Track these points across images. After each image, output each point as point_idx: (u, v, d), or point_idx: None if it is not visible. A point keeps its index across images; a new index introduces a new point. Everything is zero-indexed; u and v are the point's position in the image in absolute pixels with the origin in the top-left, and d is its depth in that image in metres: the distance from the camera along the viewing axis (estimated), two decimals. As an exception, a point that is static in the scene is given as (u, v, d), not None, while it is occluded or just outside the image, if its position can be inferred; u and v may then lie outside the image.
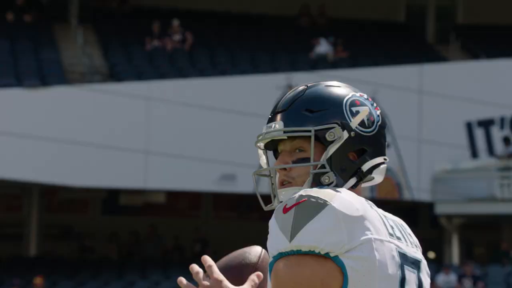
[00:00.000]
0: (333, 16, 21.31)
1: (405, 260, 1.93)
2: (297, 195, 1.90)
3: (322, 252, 1.85)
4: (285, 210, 1.89)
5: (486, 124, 18.40)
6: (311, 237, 1.85)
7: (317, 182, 1.99)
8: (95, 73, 18.12)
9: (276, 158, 2.10)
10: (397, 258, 1.91)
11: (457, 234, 18.06)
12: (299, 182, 2.00)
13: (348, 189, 1.97)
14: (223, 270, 2.09)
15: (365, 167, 2.01)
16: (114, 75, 18.06)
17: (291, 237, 1.85)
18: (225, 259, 2.16)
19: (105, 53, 18.89)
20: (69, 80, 17.48)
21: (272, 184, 2.08)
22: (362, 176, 2.01)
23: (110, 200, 20.31)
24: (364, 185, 2.07)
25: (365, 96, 2.06)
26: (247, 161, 16.66)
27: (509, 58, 18.79)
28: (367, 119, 2.03)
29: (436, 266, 16.74)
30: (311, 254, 1.85)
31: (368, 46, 20.15)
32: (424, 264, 1.99)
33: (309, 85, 2.08)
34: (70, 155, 16.34)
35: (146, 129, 16.80)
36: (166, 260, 18.61)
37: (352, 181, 2.01)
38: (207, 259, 2.04)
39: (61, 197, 20.20)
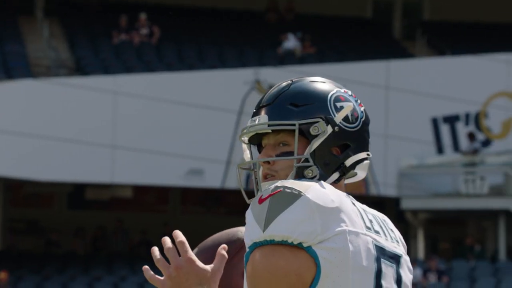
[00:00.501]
0: (301, 12, 21.36)
1: (383, 253, 1.95)
2: (273, 186, 1.92)
3: (295, 242, 1.86)
4: (260, 201, 1.90)
5: (451, 120, 18.58)
6: (284, 227, 1.86)
7: (300, 176, 2.00)
8: (61, 66, 17.98)
9: (260, 152, 2.11)
10: (373, 251, 1.93)
11: (423, 229, 18.23)
12: (282, 176, 2.01)
13: (331, 183, 1.99)
14: (211, 246, 2.11)
15: (348, 162, 2.04)
16: (80, 68, 17.93)
17: (265, 227, 1.86)
18: (216, 236, 2.18)
19: (71, 46, 18.74)
20: (34, 74, 17.32)
21: (255, 178, 2.09)
22: (345, 171, 2.04)
23: (77, 194, 20.18)
24: (347, 181, 2.09)
25: (350, 92, 2.09)
26: (215, 156, 16.66)
27: (474, 54, 18.99)
28: (351, 115, 2.05)
29: (402, 261, 16.87)
30: (284, 244, 1.86)
31: (335, 42, 20.24)
32: (405, 259, 2.01)
33: (294, 80, 2.09)
34: (35, 149, 16.20)
35: (113, 123, 16.71)
36: (133, 254, 18.54)
37: (335, 175, 2.03)
38: (178, 234, 2.05)
39: (27, 191, 20.03)
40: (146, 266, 2.07)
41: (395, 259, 1.98)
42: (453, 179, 18.00)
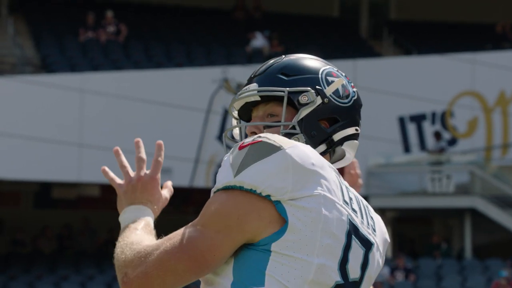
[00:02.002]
0: (268, 10, 21.37)
1: (355, 232, 1.93)
2: (256, 135, 1.92)
3: (263, 194, 1.86)
4: (241, 147, 1.91)
5: (418, 119, 18.72)
6: (255, 176, 1.86)
7: None
8: (27, 64, 17.80)
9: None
10: (346, 225, 1.92)
11: (390, 227, 18.34)
12: None
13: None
14: None
15: (336, 137, 2.04)
16: (46, 66, 17.77)
17: (237, 173, 1.88)
18: None
19: (37, 44, 18.57)
20: None
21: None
22: (332, 145, 2.03)
23: (43, 193, 20.00)
24: (337, 164, 2.08)
25: (344, 74, 2.10)
26: (183, 155, 16.61)
27: (440, 54, 19.15)
28: (343, 91, 2.07)
29: (369, 259, 16.98)
30: (252, 193, 1.87)
31: (303, 40, 20.28)
32: (377, 250, 1.99)
33: (288, 55, 2.12)
34: (1, 147, 16.02)
35: (79, 121, 16.59)
36: (100, 253, 18.42)
37: (322, 147, 2.03)
38: (140, 144, 2.15)
39: (-8, 190, 19.81)
40: (105, 167, 2.16)
41: (367, 244, 1.96)
42: (419, 178, 18.13)
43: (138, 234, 1.96)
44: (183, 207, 20.51)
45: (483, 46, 19.90)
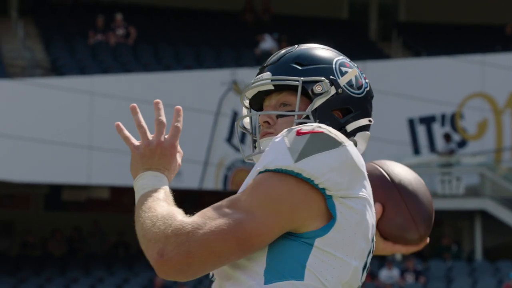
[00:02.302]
0: (277, 13, 21.38)
1: (373, 237, 1.95)
2: (313, 124, 1.90)
3: (320, 186, 1.84)
4: (299, 133, 1.88)
5: (427, 121, 18.68)
6: (317, 167, 1.84)
7: None
8: (37, 67, 17.86)
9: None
10: (372, 230, 1.92)
11: (399, 229, 18.29)
12: (280, 132, 1.98)
13: None
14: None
15: (349, 127, 2.03)
16: (56, 69, 17.82)
17: (298, 159, 1.84)
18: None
19: (47, 46, 18.62)
20: (9, 74, 17.18)
21: (251, 134, 2.08)
22: (345, 135, 2.01)
23: (53, 195, 20.05)
24: None
25: (356, 65, 2.11)
26: (193, 157, 16.62)
27: (449, 56, 19.11)
28: (356, 82, 2.06)
29: (379, 262, 16.96)
30: (307, 182, 1.84)
31: (311, 42, 20.23)
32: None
33: (301, 44, 2.12)
34: (11, 150, 16.08)
35: (89, 124, 16.63)
36: (110, 256, 18.45)
37: None
38: (160, 106, 2.07)
39: (2, 192, 19.86)
40: (120, 123, 2.04)
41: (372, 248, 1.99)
42: (429, 180, 18.08)
43: (165, 207, 1.88)
44: (192, 209, 20.52)
45: (492, 47, 19.85)
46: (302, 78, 2.01)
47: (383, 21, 22.39)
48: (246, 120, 2.11)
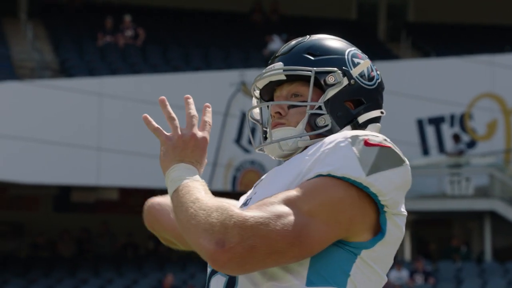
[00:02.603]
0: (285, 13, 21.37)
1: None
2: (378, 135, 1.89)
3: (382, 203, 1.85)
4: (367, 144, 1.87)
5: (436, 122, 18.64)
6: (385, 184, 1.84)
7: (312, 124, 1.98)
8: (46, 68, 17.90)
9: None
10: None
11: (409, 230, 18.27)
12: (292, 123, 1.99)
13: None
14: None
15: (361, 118, 2.02)
16: (65, 70, 17.86)
17: (369, 173, 1.83)
18: None
19: (56, 48, 18.66)
20: (19, 76, 17.23)
21: (261, 124, 2.07)
22: (356, 127, 2.01)
23: (62, 197, 20.09)
24: None
25: (367, 57, 2.12)
26: (200, 158, 16.61)
27: (458, 56, 19.06)
28: (368, 73, 2.07)
29: (388, 262, 16.93)
30: (369, 196, 1.84)
31: (321, 43, 20.24)
32: None
33: (312, 35, 2.12)
34: (20, 151, 16.12)
35: (98, 125, 16.66)
36: (119, 257, 18.48)
37: (347, 129, 2.01)
38: (190, 100, 2.09)
39: (12, 194, 19.91)
40: (147, 115, 2.06)
41: None
42: (438, 181, 18.05)
43: (214, 198, 1.85)
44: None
45: (502, 48, 19.79)
46: (314, 68, 1.99)
47: (392, 21, 22.34)
48: (256, 111, 2.09)
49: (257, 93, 2.08)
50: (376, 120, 2.06)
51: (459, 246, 18.17)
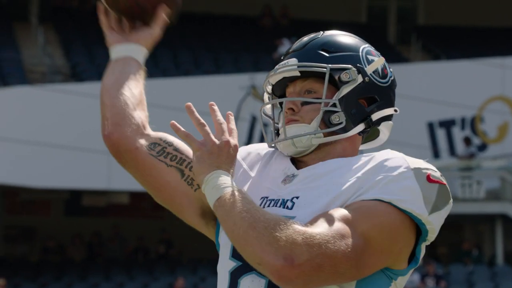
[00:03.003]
0: (295, 17, 21.38)
1: None
2: (436, 171, 1.95)
3: (429, 238, 1.93)
4: (430, 180, 1.92)
5: (447, 125, 18.59)
6: (438, 223, 1.92)
7: (326, 121, 1.97)
8: (57, 73, 17.96)
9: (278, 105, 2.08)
10: None
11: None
12: (306, 120, 1.98)
13: (353, 136, 2.00)
14: None
15: (375, 116, 2.03)
16: (76, 75, 17.91)
17: (431, 212, 1.89)
18: None
19: (67, 52, 18.73)
20: (30, 80, 17.30)
21: (273, 119, 2.06)
22: (370, 124, 2.02)
23: (73, 201, 20.14)
24: (369, 145, 2.11)
25: (380, 54, 2.11)
26: (211, 162, 16.64)
27: (469, 59, 19.01)
28: (381, 70, 2.06)
29: (399, 265, 16.90)
30: (420, 229, 1.90)
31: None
32: None
33: (325, 31, 2.09)
34: (31, 156, 16.17)
35: (108, 129, 16.68)
36: (130, 261, 18.50)
37: (360, 127, 2.01)
38: (215, 107, 2.07)
39: (23, 198, 19.98)
40: (175, 122, 2.03)
41: None
42: (449, 184, 17.86)
43: (267, 211, 1.82)
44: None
45: (512, 50, 19.73)
46: (330, 65, 1.98)
47: (402, 24, 22.31)
48: (269, 106, 2.08)
49: (269, 88, 2.07)
50: (388, 118, 2.07)
51: (471, 250, 18.10)
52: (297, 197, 1.91)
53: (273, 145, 2.04)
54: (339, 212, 1.82)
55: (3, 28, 18.98)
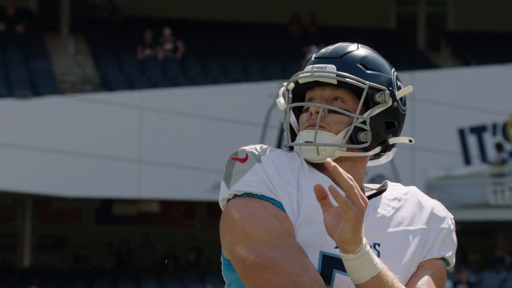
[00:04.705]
0: (323, 24, 21.35)
1: None
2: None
3: None
4: (455, 227, 2.15)
5: (478, 131, 18.44)
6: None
7: (353, 136, 1.97)
8: (87, 82, 18.09)
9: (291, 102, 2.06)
10: None
11: (451, 240, 18.04)
12: (333, 130, 1.97)
13: (369, 157, 2.02)
14: None
15: (392, 140, 2.04)
16: (106, 84, 18.03)
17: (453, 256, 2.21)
18: None
19: (97, 62, 18.87)
20: (60, 90, 17.45)
21: (288, 121, 2.06)
22: (386, 148, 2.03)
23: (104, 209, 20.25)
24: (370, 163, 2.06)
25: None
26: (240, 170, 16.63)
27: (499, 64, 18.85)
28: (404, 98, 2.06)
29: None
30: None
31: (360, 53, 20.16)
32: None
33: (358, 44, 2.08)
34: (63, 165, 16.29)
35: (138, 138, 16.78)
36: (160, 269, 18.55)
37: (378, 149, 2.02)
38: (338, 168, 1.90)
39: (55, 207, 20.14)
40: (333, 186, 1.79)
41: None
42: (481, 190, 17.83)
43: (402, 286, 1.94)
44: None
45: (544, 55, 19.53)
46: (369, 83, 1.98)
47: (432, 30, 22.19)
48: (282, 103, 2.07)
49: (291, 85, 2.05)
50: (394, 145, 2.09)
51: (503, 257, 17.91)
52: (378, 244, 1.94)
53: (291, 146, 2.03)
54: (432, 281, 1.99)
55: (35, 38, 19.18)
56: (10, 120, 16.22)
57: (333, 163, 1.80)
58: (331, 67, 1.99)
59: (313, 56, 2.07)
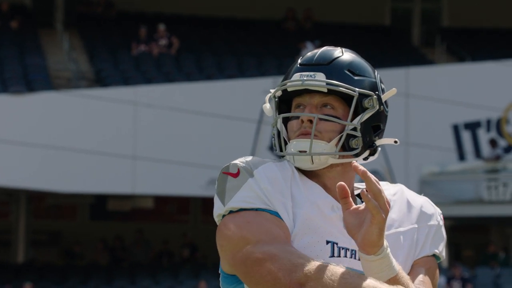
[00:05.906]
0: (319, 20, 21.35)
1: None
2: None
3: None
4: (443, 221, 2.16)
5: (472, 127, 18.47)
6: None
7: (345, 143, 1.98)
8: (81, 78, 18.07)
9: (279, 111, 2.04)
10: None
11: (446, 236, 18.08)
12: (326, 138, 1.97)
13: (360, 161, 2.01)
14: None
15: (378, 142, 2.04)
16: (101, 80, 18.01)
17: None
18: None
19: (91, 58, 18.84)
20: (55, 86, 17.42)
21: (279, 132, 2.05)
22: (374, 152, 2.03)
23: (98, 205, 20.24)
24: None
25: None
26: (235, 166, 16.63)
27: (494, 60, 18.88)
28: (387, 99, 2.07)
29: (425, 269, 16.76)
30: None
31: (354, 50, 20.10)
32: None
33: (342, 48, 2.08)
34: (57, 161, 16.28)
35: (133, 134, 16.77)
36: (155, 265, 18.56)
37: (367, 152, 2.02)
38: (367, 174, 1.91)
39: (49, 203, 20.12)
40: (365, 192, 1.81)
41: None
42: (475, 186, 17.87)
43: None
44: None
45: (538, 51, 19.57)
46: (359, 89, 1.98)
47: (426, 26, 22.21)
48: (269, 110, 2.06)
49: (279, 93, 2.05)
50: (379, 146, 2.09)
51: (497, 252, 17.95)
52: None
53: (282, 154, 2.04)
54: (428, 279, 2.01)
55: (29, 34, 19.14)
56: (4, 116, 16.19)
57: (362, 168, 1.83)
58: (321, 75, 1.99)
59: (299, 62, 2.05)
